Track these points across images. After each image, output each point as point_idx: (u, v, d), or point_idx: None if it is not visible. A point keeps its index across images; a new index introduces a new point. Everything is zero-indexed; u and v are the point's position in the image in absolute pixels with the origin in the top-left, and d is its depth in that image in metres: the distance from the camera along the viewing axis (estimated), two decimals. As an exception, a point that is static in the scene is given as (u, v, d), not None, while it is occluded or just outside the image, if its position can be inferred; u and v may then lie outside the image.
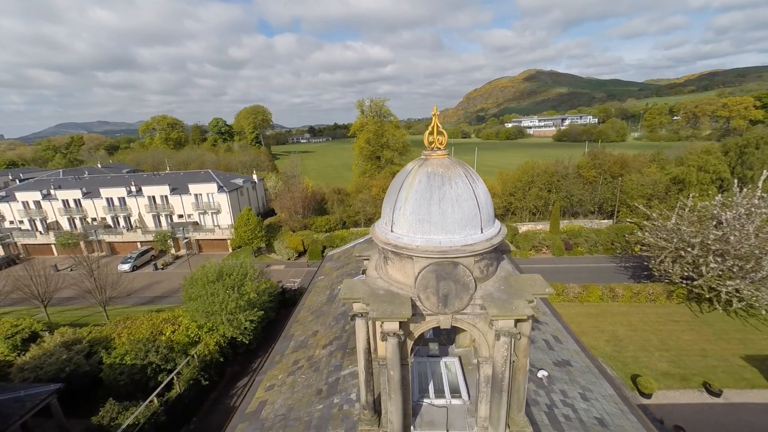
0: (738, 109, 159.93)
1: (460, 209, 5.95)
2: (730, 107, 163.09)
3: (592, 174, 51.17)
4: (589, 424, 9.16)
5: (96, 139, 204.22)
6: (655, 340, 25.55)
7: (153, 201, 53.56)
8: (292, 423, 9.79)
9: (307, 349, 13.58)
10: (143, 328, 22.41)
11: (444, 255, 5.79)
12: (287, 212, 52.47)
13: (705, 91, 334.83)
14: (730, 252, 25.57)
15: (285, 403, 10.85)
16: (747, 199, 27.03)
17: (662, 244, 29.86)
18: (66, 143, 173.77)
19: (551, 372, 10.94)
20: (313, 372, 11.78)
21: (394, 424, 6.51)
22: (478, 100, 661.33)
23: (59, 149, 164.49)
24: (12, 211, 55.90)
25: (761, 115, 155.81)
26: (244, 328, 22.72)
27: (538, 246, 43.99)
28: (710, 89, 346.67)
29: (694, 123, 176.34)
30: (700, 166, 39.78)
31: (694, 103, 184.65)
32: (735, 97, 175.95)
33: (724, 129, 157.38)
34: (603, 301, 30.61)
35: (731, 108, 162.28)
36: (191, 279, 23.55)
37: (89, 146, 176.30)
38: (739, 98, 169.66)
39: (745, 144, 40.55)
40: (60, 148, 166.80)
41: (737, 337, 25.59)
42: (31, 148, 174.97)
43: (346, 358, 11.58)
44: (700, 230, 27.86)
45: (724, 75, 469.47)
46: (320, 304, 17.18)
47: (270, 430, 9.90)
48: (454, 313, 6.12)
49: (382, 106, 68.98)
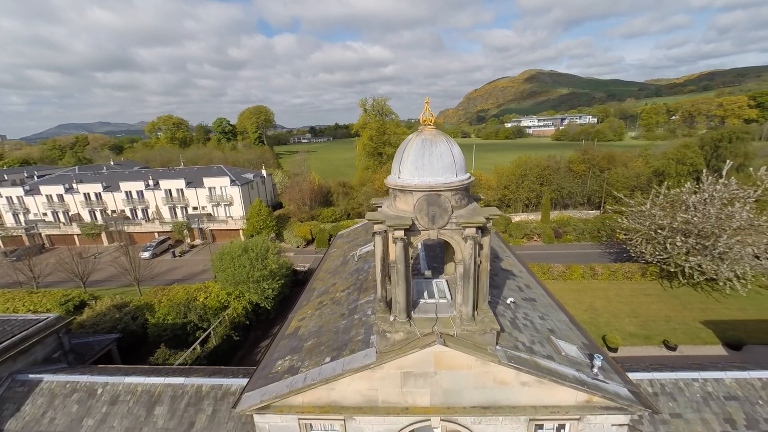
0: (733, 108, 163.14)
1: (441, 161, 9.36)
2: (725, 107, 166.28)
3: (582, 168, 54.59)
4: (542, 330, 12.56)
5: (100, 139, 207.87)
6: (627, 310, 28.96)
7: (169, 194, 57.08)
8: (323, 332, 13.23)
9: (328, 294, 17.00)
10: (179, 295, 25.90)
11: (432, 189, 9.21)
12: (295, 204, 55.97)
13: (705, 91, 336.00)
14: (693, 231, 28.97)
15: (316, 324, 14.28)
16: (711, 186, 30.45)
17: (637, 227, 33.26)
18: (71, 143, 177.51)
19: (519, 303, 14.32)
20: (335, 306, 15.20)
21: (400, 304, 9.92)
22: (478, 101, 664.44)
23: (65, 149, 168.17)
24: (36, 204, 59.49)
25: (755, 114, 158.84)
26: (266, 296, 26.18)
27: (529, 234, 47.36)
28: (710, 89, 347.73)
29: (691, 122, 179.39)
30: (679, 159, 43.14)
31: (690, 103, 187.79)
32: (730, 97, 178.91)
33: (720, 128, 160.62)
34: (584, 279, 34.01)
35: (726, 107, 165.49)
36: (220, 253, 27.05)
37: (94, 146, 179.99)
38: (734, 98, 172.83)
39: (720, 138, 43.90)
40: (65, 147, 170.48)
41: (699, 306, 29.00)
42: (37, 148, 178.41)
43: (361, 294, 14.96)
44: (669, 214, 31.26)
45: (723, 75, 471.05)
46: (336, 267, 20.62)
47: (306, 339, 13.34)
48: (439, 229, 9.52)
49: (384, 105, 72.44)
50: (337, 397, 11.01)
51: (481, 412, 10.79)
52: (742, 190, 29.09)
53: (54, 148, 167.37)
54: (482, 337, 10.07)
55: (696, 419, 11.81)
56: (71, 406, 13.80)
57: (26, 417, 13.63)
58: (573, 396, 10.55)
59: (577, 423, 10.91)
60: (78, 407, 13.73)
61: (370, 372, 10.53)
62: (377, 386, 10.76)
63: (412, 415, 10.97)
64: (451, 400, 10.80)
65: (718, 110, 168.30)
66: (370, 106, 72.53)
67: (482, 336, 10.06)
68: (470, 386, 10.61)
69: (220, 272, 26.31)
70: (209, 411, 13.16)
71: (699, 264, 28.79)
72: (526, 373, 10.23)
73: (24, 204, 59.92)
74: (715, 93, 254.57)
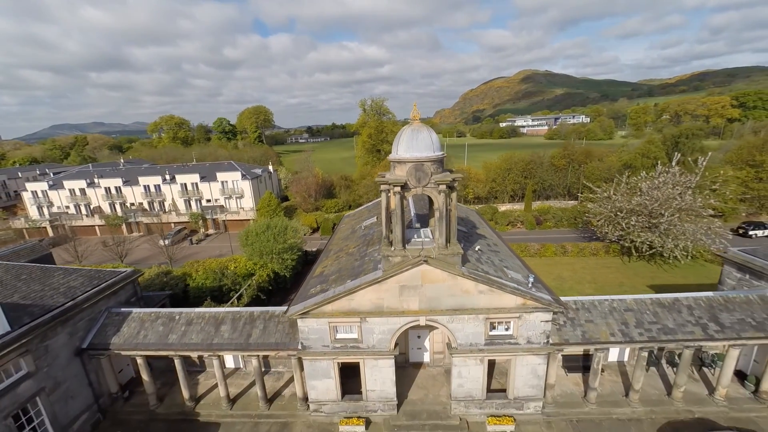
0: (716, 108, 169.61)
1: (424, 142, 14.53)
2: (708, 107, 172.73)
3: (562, 163, 60.04)
4: (498, 265, 17.76)
5: (99, 139, 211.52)
6: (588, 278, 34.32)
7: (185, 187, 61.93)
8: (342, 271, 18.37)
9: (342, 251, 22.13)
10: (213, 265, 30.92)
11: (418, 160, 14.37)
12: (301, 196, 61.02)
13: (696, 91, 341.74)
14: (644, 212, 34.39)
15: (336, 268, 19.42)
16: (662, 175, 35.89)
17: (601, 210, 38.65)
18: (70, 143, 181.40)
19: (485, 251, 19.51)
20: (349, 256, 20.34)
21: (397, 237, 15.06)
22: (474, 101, 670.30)
23: (65, 148, 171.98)
24: (60, 197, 64.09)
25: (738, 113, 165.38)
26: (286, 266, 31.29)
27: (513, 222, 52.66)
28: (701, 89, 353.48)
29: (677, 121, 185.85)
30: (644, 153, 48.61)
31: (676, 103, 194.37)
32: (713, 97, 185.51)
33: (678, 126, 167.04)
34: (556, 256, 39.37)
35: (710, 107, 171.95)
36: (246, 231, 32.12)
37: (93, 146, 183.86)
38: (717, 98, 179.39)
39: (678, 135, 49.47)
40: (65, 147, 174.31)
41: (650, 275, 34.42)
42: (38, 148, 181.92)
43: (369, 247, 20.08)
44: (627, 198, 36.67)
45: (714, 75, 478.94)
46: (346, 235, 25.77)
47: (330, 275, 18.47)
48: (423, 186, 14.65)
49: (382, 105, 77.70)
50: (355, 305, 16.18)
51: (453, 313, 16.03)
52: (684, 177, 34.53)
53: (54, 147, 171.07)
54: (452, 259, 15.27)
55: (603, 323, 17.08)
56: (158, 327, 18.88)
57: (125, 335, 18.68)
58: (514, 300, 15.80)
59: (518, 320, 16.16)
60: (163, 327, 18.80)
61: (377, 285, 15.72)
62: (383, 296, 15.95)
63: (407, 316, 16.18)
64: (433, 305, 16.01)
65: (703, 110, 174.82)
66: (369, 106, 77.73)
67: (452, 258, 15.26)
68: (445, 295, 15.83)
69: (247, 247, 31.36)
70: (261, 326, 18.27)
71: (650, 240, 34.18)
72: (481, 283, 15.46)
73: (48, 198, 64.48)
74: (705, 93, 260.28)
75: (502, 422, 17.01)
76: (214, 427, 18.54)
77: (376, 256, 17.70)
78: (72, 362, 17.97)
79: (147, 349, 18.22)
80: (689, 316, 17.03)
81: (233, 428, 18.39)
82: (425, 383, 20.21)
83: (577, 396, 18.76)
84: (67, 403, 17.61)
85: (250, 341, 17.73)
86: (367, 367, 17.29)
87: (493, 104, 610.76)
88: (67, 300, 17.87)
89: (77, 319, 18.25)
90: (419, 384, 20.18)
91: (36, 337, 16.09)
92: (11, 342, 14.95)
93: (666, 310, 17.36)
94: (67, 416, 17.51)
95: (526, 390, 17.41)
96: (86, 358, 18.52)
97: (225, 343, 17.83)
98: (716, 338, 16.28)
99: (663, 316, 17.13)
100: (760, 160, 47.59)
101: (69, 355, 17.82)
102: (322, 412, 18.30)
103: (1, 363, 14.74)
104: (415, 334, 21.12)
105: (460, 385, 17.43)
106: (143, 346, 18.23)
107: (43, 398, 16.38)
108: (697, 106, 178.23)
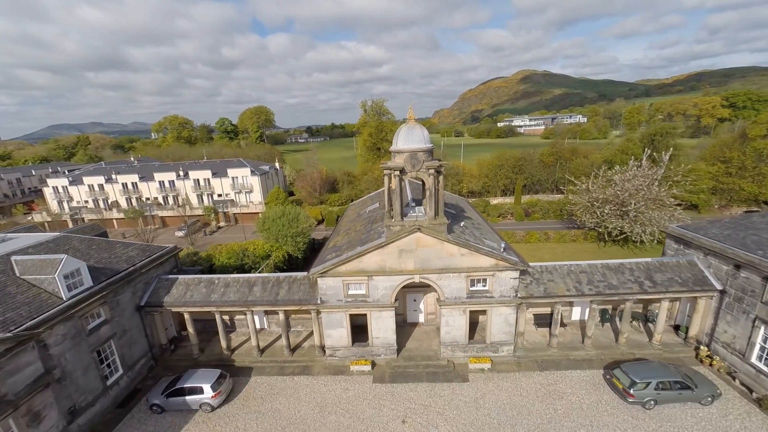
0: (707, 108, 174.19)
1: (417, 137, 18.75)
2: (700, 107, 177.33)
3: (550, 160, 64.35)
4: (478, 237, 21.99)
5: (101, 139, 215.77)
6: (566, 260, 38.50)
7: (198, 183, 66.10)
8: (352, 242, 22.60)
9: (351, 230, 26.37)
10: (234, 247, 35.12)
11: (413, 150, 18.60)
12: (306, 191, 65.23)
13: (692, 91, 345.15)
14: (616, 201, 38.71)
15: (346, 240, 23.66)
16: (633, 169, 40.19)
17: (581, 201, 42.95)
18: (73, 143, 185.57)
19: (468, 227, 23.73)
20: (356, 232, 24.59)
21: (396, 211, 19.27)
22: (473, 101, 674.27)
23: (68, 148, 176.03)
24: (79, 193, 68.22)
25: (728, 113, 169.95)
26: (299, 248, 35.54)
27: (504, 214, 56.93)
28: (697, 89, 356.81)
29: (670, 121, 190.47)
30: (623, 150, 52.89)
31: (669, 103, 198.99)
32: (705, 98, 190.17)
33: (695, 126, 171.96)
34: (540, 242, 43.65)
35: (701, 107, 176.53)
36: (263, 218, 36.35)
37: (95, 145, 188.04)
38: (708, 98, 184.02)
39: (654, 133, 53.76)
40: (69, 147, 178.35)
41: (621, 257, 38.45)
42: (44, 147, 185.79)
43: (373, 224, 24.29)
44: (602, 190, 40.97)
45: (710, 76, 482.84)
46: (353, 218, 30.02)
47: (342, 245, 22.69)
48: (417, 171, 18.87)
49: (382, 105, 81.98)
50: (363, 266, 20.42)
51: (441, 272, 20.29)
52: (651, 171, 38.84)
53: (58, 147, 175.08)
54: (440, 228, 19.51)
55: (561, 282, 21.34)
56: (201, 289, 23.09)
57: (174, 296, 22.89)
58: (488, 261, 20.06)
59: (492, 277, 20.42)
60: (206, 289, 23.02)
61: (381, 249, 19.96)
62: (385, 258, 20.19)
63: (404, 275, 20.43)
64: (425, 265, 20.25)
65: (694, 110, 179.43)
66: (370, 107, 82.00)
67: (440, 227, 19.50)
68: (434, 257, 20.08)
69: (264, 231, 35.58)
70: (286, 287, 22.51)
71: (621, 226, 38.48)
72: (462, 247, 19.73)
73: (68, 193, 68.61)
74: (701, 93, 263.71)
75: (481, 361, 21.27)
76: (248, 370, 22.76)
77: (380, 230, 21.93)
78: (134, 316, 22.19)
79: (194, 306, 22.44)
80: (630, 276, 21.32)
81: (263, 371, 22.61)
82: (420, 337, 24.48)
83: (543, 344, 23.03)
84: (131, 347, 21.86)
85: (278, 298, 21.98)
86: (372, 317, 21.54)
87: (492, 104, 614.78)
88: (129, 266, 22.12)
89: (137, 281, 22.48)
90: (415, 337, 24.44)
91: (110, 292, 20.32)
92: (94, 294, 19.18)
93: (612, 271, 21.66)
94: (131, 358, 21.76)
95: (501, 336, 21.68)
96: (143, 314, 22.75)
97: (257, 300, 22.07)
98: (649, 292, 20.57)
99: (609, 276, 21.42)
100: (729, 156, 51.95)
101: (132, 310, 22.05)
102: (336, 357, 22.55)
103: (89, 309, 18.96)
104: (412, 298, 25.39)
105: (447, 333, 21.70)
106: (190, 303, 22.45)
107: (115, 341, 20.64)
108: (689, 107, 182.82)
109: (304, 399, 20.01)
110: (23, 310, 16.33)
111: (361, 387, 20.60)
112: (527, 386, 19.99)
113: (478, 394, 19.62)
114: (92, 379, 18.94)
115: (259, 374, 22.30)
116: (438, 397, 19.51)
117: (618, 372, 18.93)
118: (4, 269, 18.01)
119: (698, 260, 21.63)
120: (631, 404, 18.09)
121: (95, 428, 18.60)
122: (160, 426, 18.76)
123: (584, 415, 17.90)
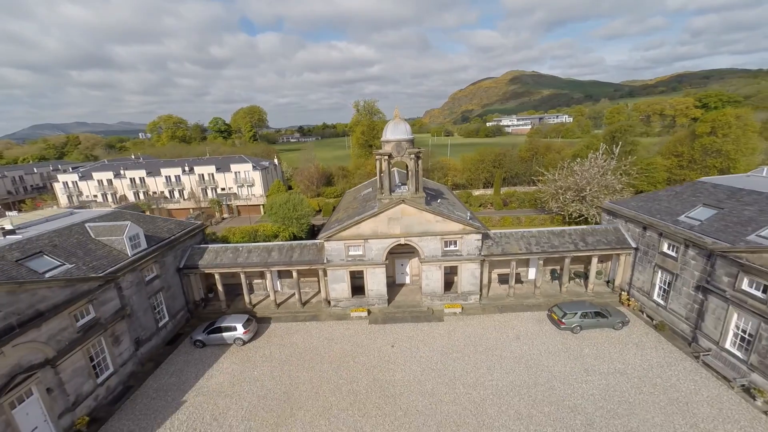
0: (681, 108, 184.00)
1: (401, 130, 24.48)
2: (675, 107, 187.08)
3: (527, 155, 70.76)
4: (451, 210, 27.80)
5: (92, 139, 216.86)
6: (534, 239, 44.71)
7: (202, 178, 70.88)
8: (350, 215, 28.22)
9: (349, 208, 32.00)
10: (247, 228, 40.47)
11: (398, 140, 24.33)
12: (304, 184, 70.55)
13: (673, 92, 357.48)
14: (575, 188, 45.06)
15: (346, 215, 29.27)
16: (591, 161, 46.58)
17: (548, 189, 49.23)
18: (62, 142, 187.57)
19: (444, 203, 29.51)
20: (354, 210, 30.20)
21: (385, 187, 24.92)
22: (463, 101, 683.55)
23: (58, 147, 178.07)
24: (89, 187, 72.41)
25: (700, 113, 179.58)
26: (302, 229, 41.02)
27: (484, 204, 63.08)
28: (678, 90, 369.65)
29: (647, 121, 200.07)
30: (587, 146, 59.48)
31: (647, 104, 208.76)
32: (680, 98, 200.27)
33: (671, 126, 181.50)
34: (513, 225, 49.78)
35: (676, 108, 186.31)
36: (270, 203, 41.70)
37: (85, 145, 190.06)
38: (682, 99, 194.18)
39: (615, 130, 60.49)
40: (58, 146, 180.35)
41: (580, 236, 44.95)
42: (36, 146, 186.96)
43: (368, 203, 29.94)
44: (565, 179, 47.29)
45: (691, 77, 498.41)
46: (349, 201, 35.65)
47: (343, 219, 28.29)
48: (400, 156, 24.58)
49: (373, 106, 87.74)
50: (360, 231, 26.07)
51: (421, 235, 26.06)
52: (604, 162, 45.26)
53: (48, 147, 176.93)
54: (419, 200, 25.27)
55: (515, 244, 27.28)
56: (228, 254, 28.48)
57: (206, 260, 28.24)
58: (457, 227, 25.89)
59: (461, 240, 26.27)
60: (232, 254, 28.42)
61: (374, 218, 25.63)
62: (378, 225, 25.88)
63: (392, 238, 26.14)
64: (409, 230, 25.98)
65: (670, 110, 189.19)
66: (362, 107, 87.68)
67: (419, 200, 25.26)
68: (416, 223, 25.83)
69: (272, 215, 40.97)
70: (299, 251, 28.03)
71: (579, 209, 44.81)
72: (437, 215, 25.54)
73: (78, 188, 72.71)
74: (682, 94, 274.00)
75: (453, 307, 27.09)
76: (268, 319, 28.19)
77: (373, 205, 27.61)
78: (175, 276, 27.49)
79: (223, 267, 27.82)
80: (569, 239, 27.38)
81: (281, 319, 28.10)
82: (406, 293, 30.24)
83: (504, 295, 28.97)
84: (174, 300, 27.17)
85: (292, 260, 27.50)
86: (368, 273, 27.20)
87: (482, 104, 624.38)
88: (170, 235, 27.42)
89: (177, 248, 27.79)
90: (402, 294, 30.19)
91: (159, 254, 25.62)
92: (149, 254, 24.48)
93: (555, 236, 27.71)
94: (173, 309, 27.07)
95: (468, 287, 27.56)
96: (182, 275, 28.04)
97: (275, 261, 27.55)
98: (582, 250, 26.65)
99: (553, 239, 27.46)
100: (681, 151, 58.86)
101: (173, 271, 27.35)
102: (339, 307, 28.17)
103: (146, 265, 24.26)
104: (400, 263, 31.12)
105: (427, 285, 27.50)
106: (221, 266, 27.82)
107: (163, 293, 25.94)
108: (665, 107, 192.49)
109: (315, 336, 25.58)
110: (104, 261, 21.62)
111: (360, 327, 26.25)
112: (488, 323, 25.88)
113: (450, 328, 25.43)
114: (149, 320, 24.26)
115: (277, 321, 27.79)
116: (419, 332, 25.26)
117: (555, 308, 24.96)
118: (83, 232, 23.24)
119: (621, 226, 27.81)
120: (563, 330, 24.09)
121: (152, 357, 23.92)
122: (204, 354, 24.14)
123: (529, 338, 23.85)
